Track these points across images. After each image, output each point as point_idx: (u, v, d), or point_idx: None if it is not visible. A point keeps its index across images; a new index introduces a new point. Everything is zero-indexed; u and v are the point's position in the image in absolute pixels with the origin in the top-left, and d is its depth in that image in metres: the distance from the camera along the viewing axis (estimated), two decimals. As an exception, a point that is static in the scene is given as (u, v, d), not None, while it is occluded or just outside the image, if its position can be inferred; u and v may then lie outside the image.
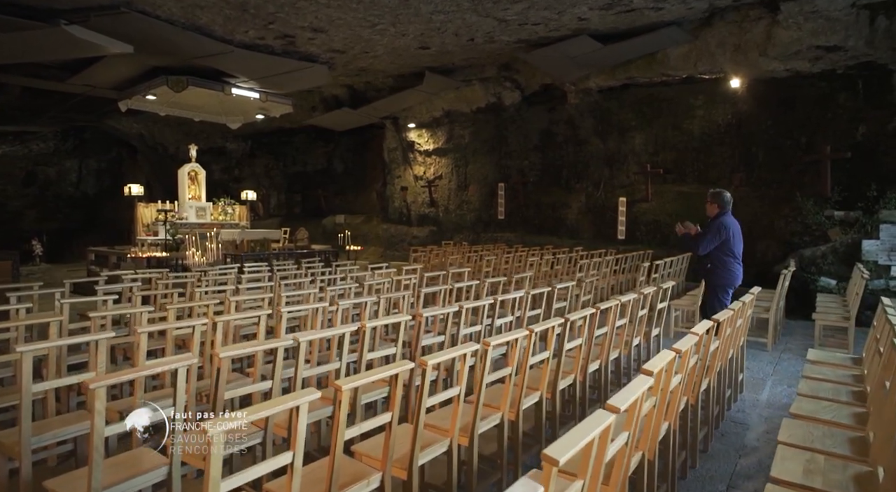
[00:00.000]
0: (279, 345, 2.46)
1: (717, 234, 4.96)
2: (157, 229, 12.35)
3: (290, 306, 3.48)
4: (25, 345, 2.28)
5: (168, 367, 2.01)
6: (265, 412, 1.51)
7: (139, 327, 2.67)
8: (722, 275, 5.03)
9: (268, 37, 8.02)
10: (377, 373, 1.90)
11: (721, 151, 10.73)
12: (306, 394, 1.63)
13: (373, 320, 2.98)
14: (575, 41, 9.37)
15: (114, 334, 2.64)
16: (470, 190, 15.10)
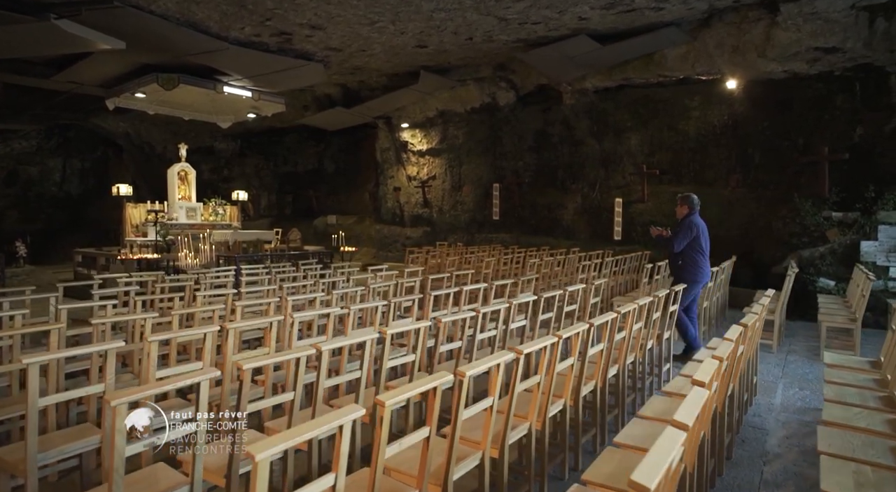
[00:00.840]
0: (301, 354, 2.34)
1: (689, 231, 5.39)
2: (146, 230, 12.08)
3: (301, 312, 3.35)
4: (32, 355, 2.13)
5: (191, 380, 1.88)
6: (310, 434, 1.40)
7: (149, 336, 2.52)
8: (693, 271, 5.40)
9: (264, 34, 7.84)
10: (418, 386, 1.80)
11: (717, 153, 10.76)
12: (350, 412, 1.52)
13: (394, 326, 2.87)
14: (573, 41, 9.33)
15: (123, 343, 2.49)
16: (464, 190, 15.01)
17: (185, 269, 8.52)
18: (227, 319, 4.15)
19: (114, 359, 2.45)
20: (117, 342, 2.44)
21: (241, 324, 3.05)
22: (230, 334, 2.94)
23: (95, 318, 3.22)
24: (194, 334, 2.83)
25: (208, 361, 2.84)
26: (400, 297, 4.58)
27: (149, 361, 2.57)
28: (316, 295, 4.47)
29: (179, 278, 5.89)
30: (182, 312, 3.53)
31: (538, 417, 2.73)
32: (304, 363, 2.35)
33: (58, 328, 2.97)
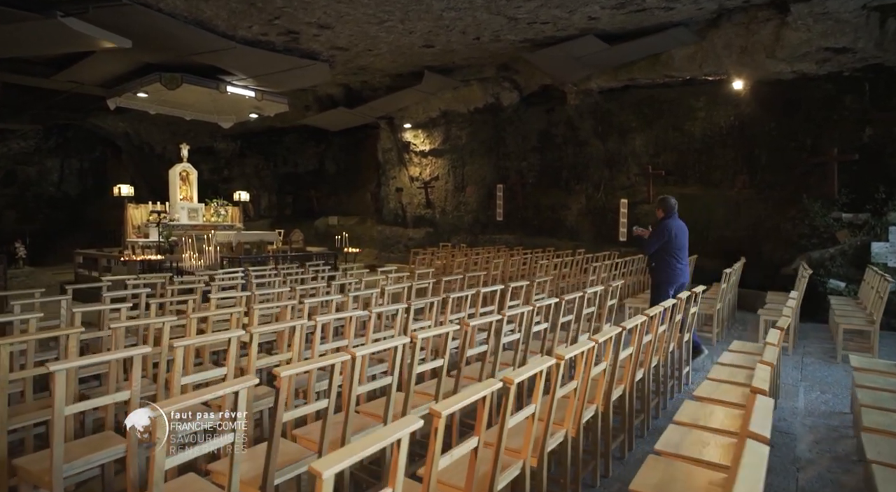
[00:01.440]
0: (336, 360, 2.26)
1: (661, 235, 5.45)
2: (147, 231, 11.96)
3: (324, 316, 3.27)
4: (60, 362, 2.04)
5: (229, 389, 1.80)
6: (373, 448, 1.32)
7: (170, 341, 2.44)
8: (665, 272, 5.46)
9: (271, 33, 7.76)
10: (471, 395, 1.72)
11: (723, 153, 10.72)
12: (408, 424, 1.44)
13: (423, 331, 2.79)
14: (581, 41, 9.28)
15: (148, 349, 2.41)
16: (467, 191, 14.94)
17: (190, 270, 8.41)
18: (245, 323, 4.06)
19: (140, 365, 2.36)
20: (143, 348, 2.35)
21: (264, 328, 2.96)
22: (254, 339, 2.86)
23: (114, 322, 3.13)
24: (219, 339, 2.74)
25: (232, 366, 2.76)
26: (416, 299, 4.51)
27: (174, 368, 2.49)
28: (332, 297, 4.39)
29: (189, 280, 5.79)
30: (200, 316, 3.44)
31: (573, 423, 2.66)
32: (339, 370, 2.28)
33: (75, 333, 2.88)
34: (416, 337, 2.70)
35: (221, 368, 2.74)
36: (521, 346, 3.78)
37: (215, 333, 2.77)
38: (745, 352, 4.35)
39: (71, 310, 3.51)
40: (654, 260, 5.53)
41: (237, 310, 3.66)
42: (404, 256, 15.82)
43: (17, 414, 2.81)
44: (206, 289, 5.37)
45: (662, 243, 5.42)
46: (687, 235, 5.61)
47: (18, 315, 3.60)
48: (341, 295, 4.49)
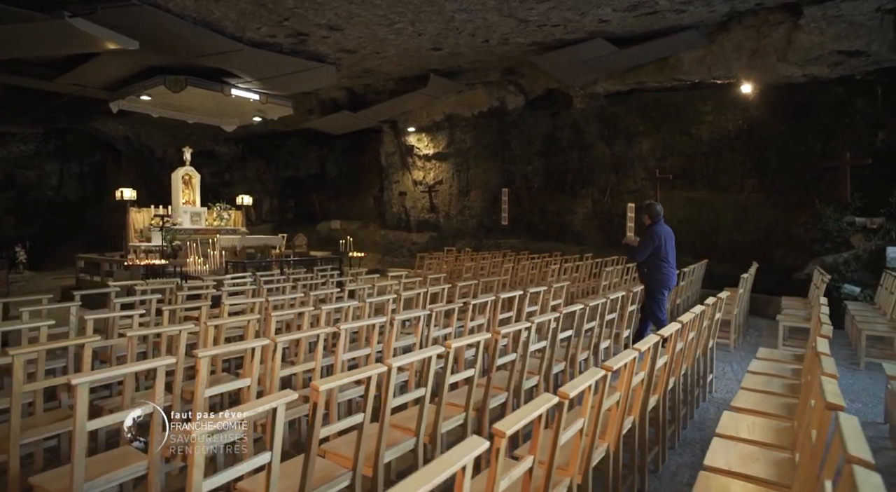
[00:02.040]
0: (373, 372, 2.14)
1: (651, 241, 5.51)
2: (150, 235, 11.83)
3: (348, 324, 3.15)
4: (82, 375, 1.92)
5: (270, 405, 1.68)
6: (443, 475, 1.20)
7: (200, 352, 2.32)
8: (657, 278, 5.56)
9: (279, 34, 7.66)
10: (534, 409, 1.60)
11: (731, 157, 10.65)
12: (474, 447, 1.32)
13: (458, 340, 2.67)
14: (589, 44, 9.21)
15: (173, 359, 2.29)
16: (472, 195, 14.85)
17: (195, 275, 8.28)
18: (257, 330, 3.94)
19: (164, 377, 2.24)
20: (166, 359, 2.23)
21: (288, 337, 2.84)
22: (277, 348, 2.74)
23: (128, 330, 3.00)
24: (244, 348, 2.62)
25: (255, 377, 2.64)
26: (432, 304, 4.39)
27: (198, 379, 2.36)
28: (348, 304, 4.26)
29: (198, 286, 5.66)
30: (218, 323, 3.32)
31: (614, 436, 2.54)
32: (376, 383, 2.16)
33: (90, 342, 2.76)
34: (450, 347, 2.58)
35: (242, 379, 2.62)
36: (546, 354, 3.67)
37: (237, 343, 2.65)
38: (774, 360, 4.25)
39: (83, 317, 3.38)
40: (646, 266, 5.63)
41: (253, 317, 3.53)
42: (408, 261, 15.70)
43: (29, 428, 2.68)
44: (216, 294, 5.25)
45: (654, 249, 5.50)
46: (674, 240, 5.72)
47: (28, 323, 3.47)
48: (356, 301, 4.37)
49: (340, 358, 3.14)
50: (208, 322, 3.22)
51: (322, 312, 3.94)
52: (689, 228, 11.18)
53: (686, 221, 11.21)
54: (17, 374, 2.46)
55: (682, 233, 11.35)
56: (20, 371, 2.48)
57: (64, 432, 2.79)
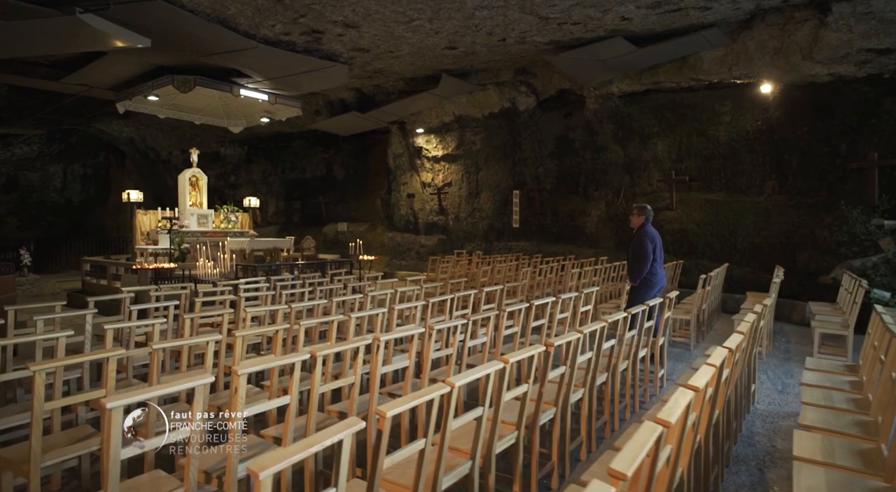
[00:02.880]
0: (436, 394, 1.93)
1: (647, 246, 5.56)
2: (157, 238, 11.62)
3: (390, 333, 2.94)
4: (118, 397, 1.71)
5: (336, 437, 1.47)
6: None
7: (241, 368, 2.11)
8: (648, 279, 5.62)
9: (294, 32, 7.46)
10: (642, 446, 1.39)
11: (750, 159, 10.43)
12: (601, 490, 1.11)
13: (514, 354, 2.46)
14: (608, 43, 9.02)
15: (212, 378, 2.08)
16: (482, 197, 14.64)
17: (206, 279, 8.07)
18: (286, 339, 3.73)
19: (203, 397, 2.03)
20: (206, 377, 2.02)
21: (330, 349, 2.63)
22: (317, 363, 2.54)
23: (156, 342, 2.79)
24: (286, 362, 2.41)
25: (295, 395, 2.42)
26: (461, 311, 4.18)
27: (236, 398, 2.15)
28: (377, 311, 4.06)
29: (213, 291, 5.46)
30: (247, 333, 3.11)
31: (685, 456, 2.33)
32: (438, 401, 1.95)
33: (115, 356, 2.55)
34: (507, 361, 2.37)
35: (281, 397, 2.41)
36: (591, 364, 3.46)
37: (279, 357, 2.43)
38: (825, 371, 4.04)
39: (102, 327, 3.16)
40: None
41: (281, 327, 3.32)
42: (416, 264, 15.50)
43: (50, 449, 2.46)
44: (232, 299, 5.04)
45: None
46: (661, 241, 5.82)
47: (44, 334, 3.27)
48: (384, 309, 4.15)
49: (379, 371, 2.93)
50: (238, 333, 3.01)
51: (351, 319, 3.73)
52: (706, 231, 10.98)
53: (703, 223, 11.01)
54: (38, 391, 2.25)
55: (699, 236, 11.19)
56: (41, 388, 2.27)
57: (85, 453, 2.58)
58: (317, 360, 2.54)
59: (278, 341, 3.29)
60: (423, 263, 15.43)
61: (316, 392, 2.57)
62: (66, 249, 17.79)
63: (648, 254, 5.51)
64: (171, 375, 3.18)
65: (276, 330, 3.27)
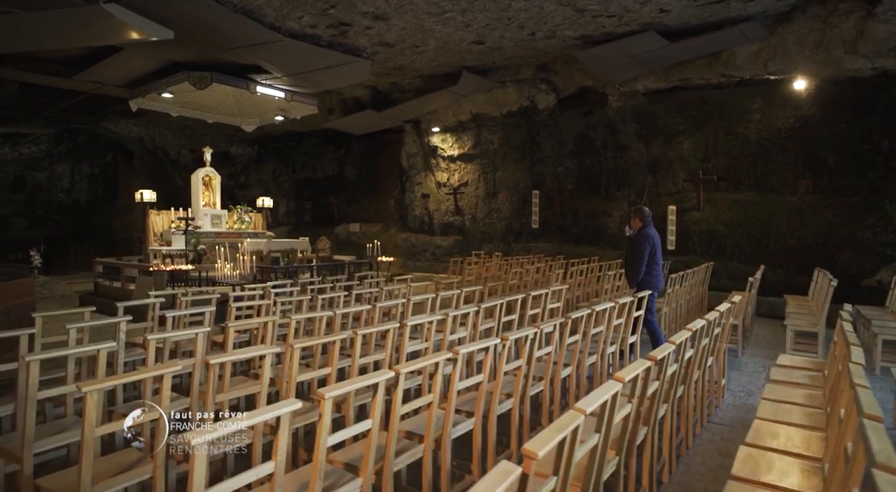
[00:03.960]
0: (571, 428, 1.63)
1: (645, 247, 5.57)
2: (170, 239, 11.34)
3: (466, 346, 2.64)
4: (198, 432, 1.42)
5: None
6: None
7: (327, 391, 1.82)
8: (648, 280, 5.60)
9: (320, 25, 7.17)
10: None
11: (782, 158, 10.13)
12: None
13: (627, 372, 2.17)
14: (640, 38, 8.72)
15: (298, 405, 1.78)
16: (499, 197, 14.34)
17: (225, 281, 7.78)
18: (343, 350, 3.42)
19: (289, 426, 1.74)
20: (293, 403, 1.72)
21: (411, 366, 2.33)
22: (400, 381, 2.24)
23: (218, 357, 2.49)
24: (368, 383, 2.11)
25: (378, 418, 2.12)
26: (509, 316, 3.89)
27: (321, 426, 1.86)
28: (432, 318, 3.76)
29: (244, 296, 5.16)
30: (307, 344, 2.81)
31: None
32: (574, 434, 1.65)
33: (169, 372, 2.26)
34: (623, 379, 2.08)
35: (363, 422, 2.11)
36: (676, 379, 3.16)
37: (361, 378, 2.13)
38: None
39: (147, 336, 2.87)
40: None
41: (339, 336, 3.02)
42: (431, 265, 15.20)
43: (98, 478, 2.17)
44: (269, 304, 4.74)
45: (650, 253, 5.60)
46: (660, 244, 5.82)
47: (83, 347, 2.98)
48: (435, 315, 3.86)
49: (456, 387, 2.63)
50: (294, 344, 2.71)
51: (406, 327, 3.44)
52: (735, 232, 10.66)
53: (732, 224, 10.70)
54: (89, 416, 1.96)
55: (728, 237, 10.86)
56: (94, 413, 1.97)
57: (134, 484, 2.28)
58: (400, 379, 2.25)
59: (335, 353, 2.99)
60: (438, 265, 15.14)
61: (397, 413, 2.27)
62: (73, 249, 17.51)
63: (644, 257, 5.54)
64: (226, 391, 2.88)
65: (334, 340, 2.97)
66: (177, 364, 2.25)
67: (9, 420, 3.11)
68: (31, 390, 2.37)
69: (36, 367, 2.39)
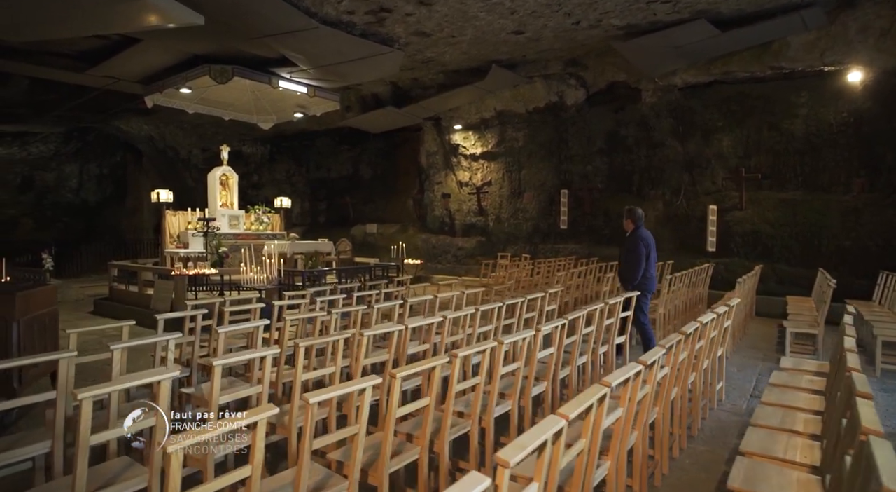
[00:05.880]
0: None
1: (640, 250, 5.49)
2: (187, 240, 10.87)
3: (620, 378, 2.14)
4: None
5: None
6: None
7: (512, 455, 1.32)
8: (642, 283, 5.52)
9: (359, 11, 6.68)
10: None
11: (833, 154, 9.62)
12: None
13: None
14: (689, 27, 8.23)
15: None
16: (525, 197, 13.82)
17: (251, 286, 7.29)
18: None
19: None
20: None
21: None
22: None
23: (314, 396, 1.99)
24: (535, 443, 1.61)
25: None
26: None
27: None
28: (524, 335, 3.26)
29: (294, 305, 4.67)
30: (407, 374, 2.31)
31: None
32: None
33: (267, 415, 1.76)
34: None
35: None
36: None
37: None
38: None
39: (211, 364, 2.38)
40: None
41: (439, 361, 2.52)
42: (453, 267, 14.69)
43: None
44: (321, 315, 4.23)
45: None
46: (654, 244, 5.74)
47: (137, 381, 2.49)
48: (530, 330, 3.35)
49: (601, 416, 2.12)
50: (397, 374, 2.22)
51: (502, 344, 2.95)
52: (782, 233, 10.14)
53: (778, 224, 10.18)
54: (174, 478, 1.47)
55: (774, 238, 10.32)
56: (178, 475, 1.48)
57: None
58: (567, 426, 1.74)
59: (435, 379, 2.50)
60: (460, 267, 14.63)
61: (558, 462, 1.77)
62: (83, 251, 17.05)
63: (642, 260, 5.44)
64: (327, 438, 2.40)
65: (432, 367, 2.48)
66: (272, 408, 1.74)
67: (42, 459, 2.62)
68: (84, 433, 1.89)
69: (89, 405, 1.90)
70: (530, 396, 3.26)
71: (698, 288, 9.04)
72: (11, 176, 17.87)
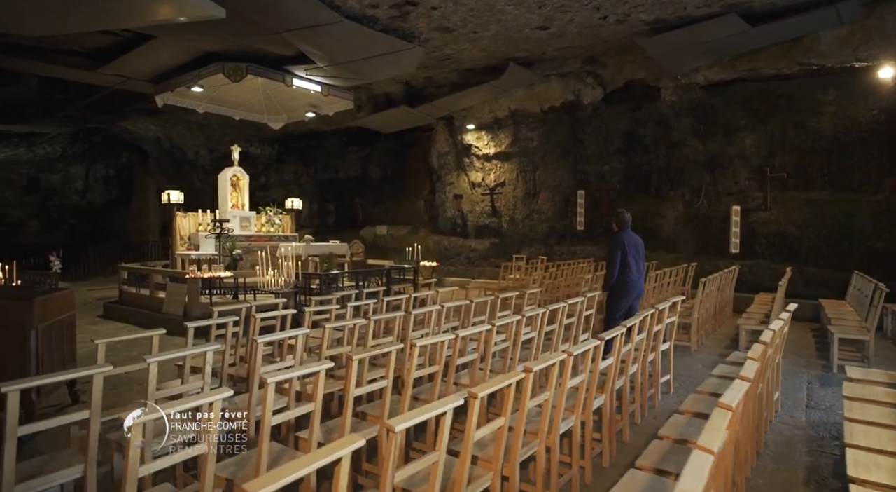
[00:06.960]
0: None
1: (617, 250, 5.46)
2: (198, 243, 10.64)
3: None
4: None
5: None
6: None
7: None
8: (618, 285, 5.49)
9: (383, 4, 6.44)
10: None
11: (863, 153, 9.35)
12: None
13: None
14: (719, 21, 7.98)
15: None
16: (540, 198, 13.56)
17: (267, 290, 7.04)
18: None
19: None
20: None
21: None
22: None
23: (398, 422, 1.74)
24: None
25: None
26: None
27: None
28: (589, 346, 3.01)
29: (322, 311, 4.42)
30: (486, 393, 2.06)
31: None
32: None
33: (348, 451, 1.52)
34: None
35: None
36: None
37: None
38: None
39: (263, 378, 2.13)
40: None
41: (513, 379, 2.27)
42: (466, 269, 14.44)
43: None
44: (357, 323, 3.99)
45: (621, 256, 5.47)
46: (643, 248, 5.69)
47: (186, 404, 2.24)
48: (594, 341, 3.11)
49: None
50: (477, 393, 1.97)
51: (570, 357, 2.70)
52: (809, 234, 9.87)
53: (805, 225, 9.91)
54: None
55: (801, 239, 10.05)
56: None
57: None
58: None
59: (509, 397, 2.24)
60: (473, 269, 14.38)
61: None
62: (89, 253, 16.83)
63: (615, 262, 5.44)
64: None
65: (511, 383, 2.23)
66: (358, 439, 1.49)
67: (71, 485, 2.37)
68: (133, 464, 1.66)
69: (139, 432, 1.66)
70: (591, 409, 3.06)
71: (725, 291, 8.80)
72: (17, 177, 17.67)
